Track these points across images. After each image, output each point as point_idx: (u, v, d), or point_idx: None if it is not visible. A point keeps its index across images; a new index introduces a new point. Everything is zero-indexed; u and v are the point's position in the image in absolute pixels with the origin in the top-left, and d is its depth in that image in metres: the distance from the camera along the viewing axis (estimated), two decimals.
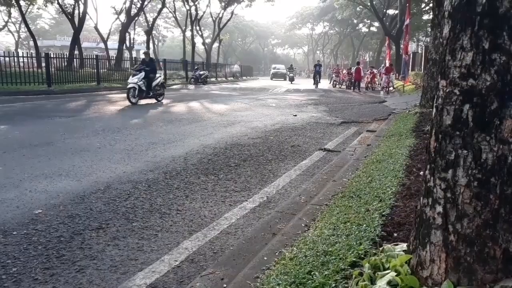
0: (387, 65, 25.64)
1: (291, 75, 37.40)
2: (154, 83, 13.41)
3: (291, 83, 35.79)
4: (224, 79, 41.48)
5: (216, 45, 49.37)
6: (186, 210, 3.80)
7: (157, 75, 13.88)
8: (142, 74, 12.84)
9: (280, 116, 11.13)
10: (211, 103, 14.54)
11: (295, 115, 11.30)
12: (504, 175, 1.79)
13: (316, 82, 29.54)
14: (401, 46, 27.43)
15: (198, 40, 61.31)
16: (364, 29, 61.88)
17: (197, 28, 42.99)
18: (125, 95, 13.88)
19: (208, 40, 58.29)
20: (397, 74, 27.23)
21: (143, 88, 13.06)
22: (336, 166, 5.24)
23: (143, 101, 13.77)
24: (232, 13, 46.38)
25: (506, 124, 1.77)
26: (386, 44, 32.60)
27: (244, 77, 50.93)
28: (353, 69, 27.13)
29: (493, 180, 1.80)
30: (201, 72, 30.92)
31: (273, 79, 46.93)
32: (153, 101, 14.22)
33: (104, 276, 2.63)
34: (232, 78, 44.92)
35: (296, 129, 8.73)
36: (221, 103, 14.51)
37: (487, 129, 1.79)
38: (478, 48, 1.78)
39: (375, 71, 27.77)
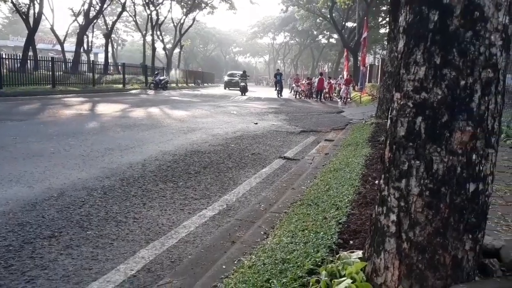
0: (346, 76, 25.94)
1: (243, 84, 29.91)
2: None
3: (243, 94, 29.00)
4: (185, 85, 41.16)
5: (177, 50, 49.07)
6: (143, 218, 3.72)
7: None
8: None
9: (241, 123, 11.15)
10: (171, 109, 14.37)
11: (256, 123, 11.36)
12: (453, 185, 1.87)
13: (278, 91, 28.72)
14: (359, 58, 28.10)
15: (158, 45, 60.62)
16: (324, 41, 62.86)
17: (158, 33, 42.52)
18: (82, 99, 13.54)
19: (169, 46, 57.84)
20: (355, 86, 28.00)
21: None
22: (295, 174, 5.25)
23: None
24: (194, 19, 46.24)
25: (456, 136, 1.85)
26: (344, 56, 33.07)
27: (205, 84, 50.79)
28: (315, 79, 27.24)
29: (443, 190, 1.87)
30: (162, 77, 30.50)
31: (228, 88, 39.58)
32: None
33: (56, 286, 2.54)
34: (193, 84, 44.66)
35: (257, 137, 8.70)
36: (181, 109, 14.35)
37: (438, 140, 1.86)
38: (430, 63, 1.86)
39: (332, 81, 28.22)
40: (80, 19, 34.90)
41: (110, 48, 42.62)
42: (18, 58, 20.13)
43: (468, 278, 1.95)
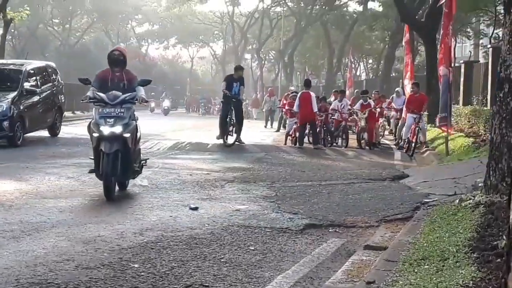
0: (409, 89, 13.73)
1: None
2: None
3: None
4: None
5: None
6: None
7: None
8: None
9: (159, 210, 5.55)
10: None
11: (194, 208, 5.61)
12: None
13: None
14: (438, 47, 13.62)
15: None
16: (355, 7, 35.55)
17: None
18: None
19: None
20: (428, 111, 13.42)
21: None
22: None
23: None
24: None
25: None
26: (404, 41, 17.22)
27: (65, 113, 17.16)
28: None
29: None
30: None
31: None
32: None
33: None
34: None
35: (197, 244, 4.64)
36: (6, 177, 7.39)
37: None
38: None
39: (371, 103, 13.52)
40: None
41: None
42: None
43: None
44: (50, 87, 12.66)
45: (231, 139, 12.15)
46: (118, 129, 5.72)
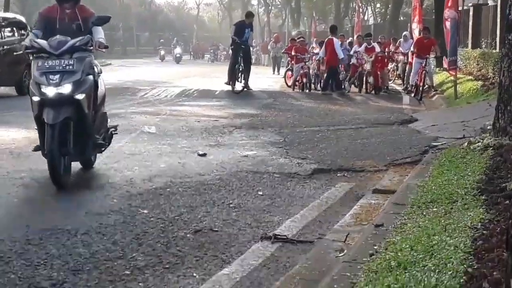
0: (417, 32, 13.58)
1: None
2: None
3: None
4: None
5: None
6: None
7: None
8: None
9: (167, 157, 5.65)
10: None
11: (202, 154, 5.70)
12: None
13: (239, 72, 12.38)
14: None
15: None
16: None
17: None
18: None
19: None
20: (439, 55, 12.79)
21: None
22: (304, 280, 3.00)
23: None
24: None
25: None
26: None
27: None
28: (343, 46, 13.48)
29: None
30: None
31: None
32: None
33: None
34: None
35: (206, 189, 4.58)
36: (14, 125, 7.30)
37: None
38: None
39: (376, 47, 13.25)
40: None
41: None
42: None
43: None
44: (17, 41, 11.36)
45: (239, 86, 12.18)
46: (66, 88, 4.06)
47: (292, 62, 14.21)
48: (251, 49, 13.77)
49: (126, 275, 2.86)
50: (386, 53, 13.88)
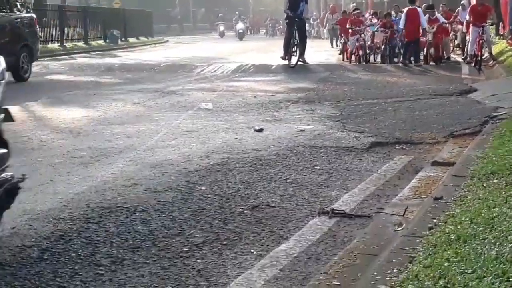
0: (474, 1, 12.92)
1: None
2: None
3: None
4: (82, 44, 20.51)
5: None
6: None
7: None
8: None
9: (224, 132, 5.70)
10: (49, 105, 7.65)
11: (259, 130, 5.70)
12: None
13: (293, 47, 12.28)
14: None
15: None
16: None
17: None
18: None
19: None
20: (501, 25, 13.14)
21: None
22: (362, 255, 2.99)
23: None
24: None
25: None
26: None
27: (130, 39, 25.31)
28: (398, 17, 13.09)
29: None
30: None
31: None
32: None
33: None
34: (103, 41, 22.47)
35: (263, 165, 4.60)
36: (74, 104, 7.60)
37: None
38: None
39: (439, 17, 12.97)
40: None
41: None
42: None
43: None
44: (12, 18, 9.94)
45: (294, 60, 12.19)
46: None
47: (343, 35, 14.13)
48: (306, 22, 13.78)
49: (184, 252, 2.89)
50: (447, 24, 13.55)
